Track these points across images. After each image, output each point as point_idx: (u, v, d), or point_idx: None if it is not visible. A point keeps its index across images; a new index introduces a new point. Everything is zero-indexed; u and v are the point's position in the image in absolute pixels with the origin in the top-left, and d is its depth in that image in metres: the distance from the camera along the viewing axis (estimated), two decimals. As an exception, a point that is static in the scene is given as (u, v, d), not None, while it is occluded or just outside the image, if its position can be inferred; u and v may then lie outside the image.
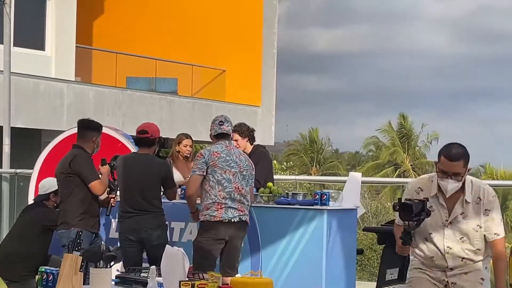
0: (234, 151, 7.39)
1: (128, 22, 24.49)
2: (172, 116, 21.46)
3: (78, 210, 7.63)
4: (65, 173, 7.68)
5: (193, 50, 23.64)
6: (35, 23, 20.00)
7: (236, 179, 7.23)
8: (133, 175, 7.58)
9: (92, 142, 7.85)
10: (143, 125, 7.75)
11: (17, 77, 17.34)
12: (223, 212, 7.15)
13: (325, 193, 7.68)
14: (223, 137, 7.40)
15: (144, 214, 7.50)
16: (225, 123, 7.42)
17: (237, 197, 7.21)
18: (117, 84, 21.20)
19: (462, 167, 5.19)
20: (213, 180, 7.20)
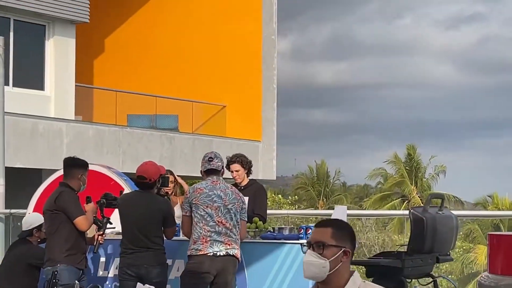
0: (220, 185, 7.44)
1: (128, 60, 24.65)
2: (173, 153, 21.50)
3: (63, 247, 7.65)
4: (51, 210, 7.73)
5: (193, 86, 23.75)
6: (34, 63, 20.16)
7: (219, 213, 7.30)
8: (134, 212, 7.64)
9: (77, 179, 7.91)
10: (141, 169, 7.79)
11: (16, 117, 17.45)
12: (209, 246, 7.23)
13: (310, 227, 7.66)
14: (212, 173, 7.49)
15: (144, 251, 7.56)
16: (215, 159, 7.51)
17: (223, 231, 7.27)
18: (118, 122, 21.28)
19: (330, 237, 3.90)
20: (197, 216, 7.33)
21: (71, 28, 20.56)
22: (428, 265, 8.34)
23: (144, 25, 24.69)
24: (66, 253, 7.64)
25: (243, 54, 23.69)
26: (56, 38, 20.28)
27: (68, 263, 7.61)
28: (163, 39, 24.37)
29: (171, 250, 7.87)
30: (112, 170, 10.50)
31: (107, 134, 20.13)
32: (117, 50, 24.84)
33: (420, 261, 8.16)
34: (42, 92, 20.13)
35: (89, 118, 21.45)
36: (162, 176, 8.10)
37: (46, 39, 20.23)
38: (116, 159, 19.55)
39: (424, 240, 7.84)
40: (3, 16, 19.32)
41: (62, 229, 7.67)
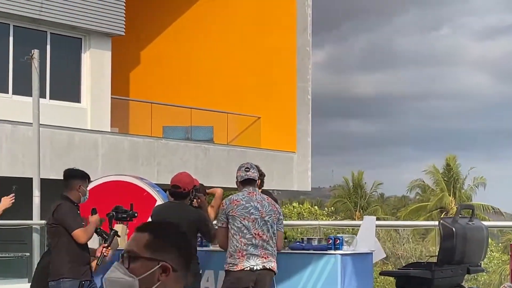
0: (257, 197, 7.42)
1: (163, 72, 24.84)
2: (208, 164, 21.58)
3: (65, 259, 7.67)
4: (50, 224, 7.78)
5: (228, 98, 23.85)
6: (70, 76, 20.40)
7: (256, 225, 7.25)
8: None
9: (76, 190, 7.87)
10: (176, 179, 7.84)
11: (52, 129, 17.65)
12: (245, 260, 7.18)
13: (339, 238, 7.67)
14: (248, 183, 7.48)
15: None
16: (251, 169, 7.50)
17: (260, 243, 7.22)
18: (153, 134, 21.43)
19: (144, 245, 2.85)
20: (234, 228, 7.28)
21: (107, 41, 20.77)
22: (459, 276, 8.30)
23: (179, 37, 24.88)
24: (68, 266, 7.65)
25: (277, 66, 23.74)
26: (92, 50, 20.50)
27: (71, 276, 7.63)
28: (198, 51, 24.53)
29: (201, 260, 7.90)
30: (144, 181, 10.60)
31: (142, 145, 20.29)
32: (152, 63, 25.04)
33: (450, 272, 8.13)
34: (78, 105, 20.34)
35: (125, 130, 21.63)
36: (196, 188, 8.14)
37: (82, 52, 20.47)
38: (151, 171, 19.68)
39: (454, 251, 7.81)
40: (40, 29, 19.58)
41: (63, 242, 7.68)
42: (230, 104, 23.60)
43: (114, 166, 19.03)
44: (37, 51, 12.34)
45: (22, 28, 19.29)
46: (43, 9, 19.08)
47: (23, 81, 18.56)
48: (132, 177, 10.79)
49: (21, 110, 18.10)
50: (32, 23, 19.32)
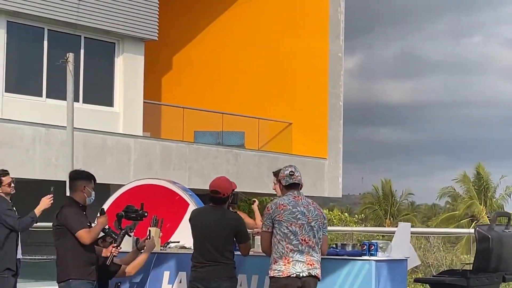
0: (302, 201, 7.31)
1: (195, 77, 24.92)
2: (239, 169, 21.60)
3: (71, 261, 7.70)
4: (54, 226, 7.83)
5: (259, 103, 23.87)
6: (104, 80, 20.52)
7: (303, 231, 7.16)
8: (206, 227, 7.68)
9: (81, 191, 7.87)
10: (215, 184, 7.82)
11: (86, 133, 17.76)
12: (291, 267, 7.09)
13: (373, 244, 7.62)
14: (293, 187, 7.37)
15: (216, 265, 7.58)
16: (296, 173, 7.41)
17: (305, 250, 7.13)
18: (184, 138, 21.50)
19: None
20: (280, 234, 7.17)
21: (140, 45, 20.88)
22: (494, 284, 8.23)
23: (211, 42, 24.95)
24: (75, 267, 7.70)
25: (309, 72, 23.72)
26: (125, 55, 20.62)
27: (78, 277, 7.67)
28: (230, 57, 24.58)
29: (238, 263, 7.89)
30: (177, 185, 10.59)
31: (174, 150, 20.35)
32: (184, 67, 25.14)
33: (486, 280, 8.06)
34: (111, 109, 20.45)
35: (157, 134, 21.72)
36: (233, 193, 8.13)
37: (115, 56, 20.58)
38: (182, 175, 19.73)
39: (490, 259, 7.75)
40: (74, 33, 19.73)
41: (68, 243, 7.72)
42: (261, 109, 23.62)
43: (146, 170, 19.11)
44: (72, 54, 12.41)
45: (57, 32, 19.44)
46: (78, 13, 19.22)
47: (57, 84, 18.70)
48: (165, 180, 10.79)
49: (55, 113, 18.24)
50: (67, 27, 19.47)
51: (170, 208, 9.98)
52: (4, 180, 9.22)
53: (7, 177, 9.28)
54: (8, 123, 17.55)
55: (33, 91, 19.02)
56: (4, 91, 18.47)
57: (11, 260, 9.13)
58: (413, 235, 24.44)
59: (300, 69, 23.75)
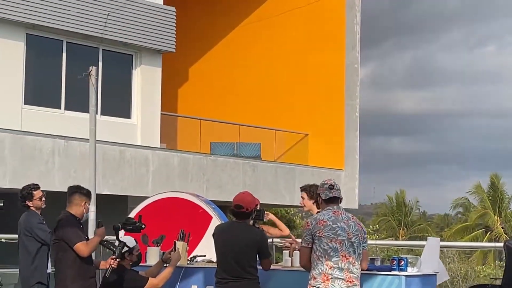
0: (342, 216, 7.19)
1: (212, 88, 24.98)
2: (256, 181, 21.61)
3: (69, 274, 7.81)
4: (53, 240, 7.95)
5: (275, 115, 23.90)
6: (121, 92, 20.58)
7: (343, 247, 7.06)
8: (229, 242, 7.67)
9: (80, 206, 8.07)
10: (238, 198, 7.80)
11: (104, 145, 17.81)
12: (330, 284, 7.02)
13: (403, 259, 7.59)
14: (333, 202, 7.25)
15: (240, 281, 7.56)
16: (335, 186, 7.29)
17: (345, 267, 7.05)
18: (201, 150, 21.53)
19: None
20: (320, 250, 7.08)
21: (158, 57, 20.94)
22: (523, 299, 8.19)
23: (227, 54, 25.01)
24: (73, 280, 7.81)
25: (325, 83, 23.74)
26: (143, 67, 20.68)
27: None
28: (247, 68, 24.63)
29: (262, 279, 7.88)
30: (200, 198, 10.60)
31: (191, 162, 20.38)
32: (201, 79, 25.20)
33: (515, 294, 8.03)
34: (129, 120, 20.50)
35: (173, 146, 21.76)
36: (257, 209, 8.12)
37: (133, 68, 20.65)
38: (200, 187, 19.76)
39: (520, 273, 7.71)
40: (92, 46, 19.81)
41: (67, 257, 7.84)
42: (278, 120, 23.65)
43: (164, 182, 19.15)
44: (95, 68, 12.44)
45: (75, 45, 19.53)
46: (96, 26, 19.30)
47: (76, 96, 18.80)
48: (188, 193, 10.80)
49: (73, 125, 18.31)
50: (85, 39, 19.56)
51: (193, 222, 9.98)
52: (35, 194, 9.27)
53: (38, 191, 9.32)
54: (28, 135, 17.62)
55: (52, 103, 19.10)
56: (24, 103, 18.55)
57: (42, 274, 9.16)
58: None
59: (316, 80, 23.78)
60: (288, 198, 22.59)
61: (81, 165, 17.44)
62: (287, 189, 22.44)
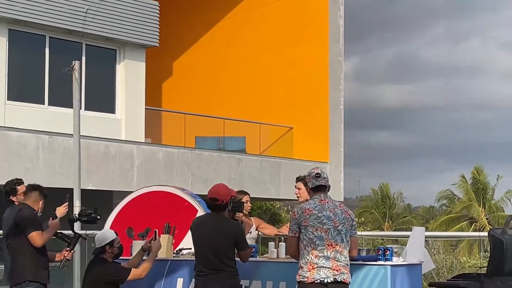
0: (329, 205, 7.16)
1: (196, 82, 24.95)
2: (241, 175, 21.61)
3: (27, 263, 7.99)
4: (10, 228, 8.18)
5: (260, 108, 23.89)
6: (105, 87, 20.52)
7: (329, 236, 7.04)
8: (206, 235, 7.66)
9: (37, 203, 8.39)
10: (213, 191, 7.80)
11: (88, 140, 17.76)
12: (315, 273, 7.00)
13: (388, 249, 7.61)
14: (320, 190, 7.23)
15: (217, 274, 7.55)
16: (322, 174, 7.28)
17: (332, 255, 7.03)
18: (186, 144, 21.50)
19: None
20: (306, 239, 7.07)
21: (141, 52, 20.89)
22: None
23: (212, 48, 24.98)
24: (31, 269, 8.00)
25: (310, 76, 23.74)
26: (126, 62, 20.63)
27: (35, 279, 8.00)
28: (231, 62, 24.61)
29: (248, 270, 7.89)
30: (186, 192, 10.60)
31: (176, 156, 20.35)
32: (185, 73, 25.17)
33: (500, 283, 8.06)
34: (113, 115, 20.45)
35: (158, 140, 21.72)
36: (236, 201, 8.11)
37: (117, 63, 20.60)
38: (185, 181, 19.74)
39: (504, 262, 7.75)
40: (75, 41, 19.73)
41: (23, 246, 8.06)
42: (262, 114, 23.64)
43: (149, 176, 19.12)
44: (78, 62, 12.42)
45: (58, 40, 19.46)
46: (79, 21, 19.23)
47: (59, 92, 18.73)
48: (173, 187, 10.80)
49: (57, 121, 18.26)
50: (68, 34, 19.48)
51: (179, 215, 9.98)
52: (19, 189, 9.25)
53: (22, 186, 9.31)
54: (12, 131, 17.54)
55: (35, 99, 19.03)
56: (7, 99, 18.47)
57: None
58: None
59: (300, 73, 23.78)
60: (273, 191, 22.60)
61: (66, 161, 17.39)
62: (272, 182, 22.46)
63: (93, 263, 8.60)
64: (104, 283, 8.26)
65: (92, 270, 8.48)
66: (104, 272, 8.32)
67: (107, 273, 8.30)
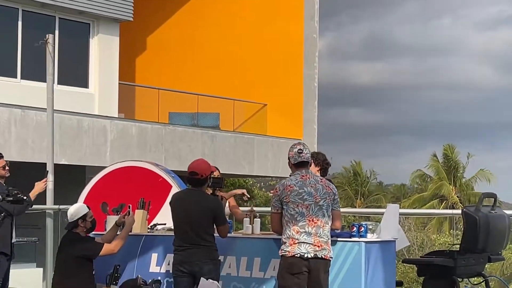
0: (310, 180, 7.20)
1: (170, 58, 24.80)
2: (215, 151, 21.57)
3: None
4: None
5: (234, 84, 23.83)
6: (78, 61, 20.36)
7: (310, 212, 7.09)
8: (185, 210, 7.67)
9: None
10: (193, 165, 7.79)
11: (61, 114, 17.60)
12: (296, 247, 7.06)
13: (363, 225, 7.65)
14: (302, 166, 7.25)
15: (196, 248, 7.58)
16: (304, 150, 7.30)
17: (313, 231, 7.08)
18: (159, 120, 21.41)
19: None
20: (288, 215, 7.13)
21: (115, 26, 20.73)
22: (480, 265, 8.31)
23: (186, 23, 24.83)
24: None
25: (284, 53, 23.70)
26: (100, 36, 20.46)
27: None
28: (205, 38, 24.49)
29: (223, 246, 7.91)
30: (160, 167, 10.58)
31: (150, 132, 20.26)
32: (159, 48, 25.01)
33: (473, 260, 8.14)
34: (86, 90, 20.31)
35: (131, 116, 21.60)
36: (217, 177, 8.12)
37: (90, 37, 20.43)
38: (159, 157, 19.67)
39: (477, 240, 7.81)
40: (48, 14, 19.53)
41: None
42: (236, 91, 23.58)
43: (123, 152, 19.03)
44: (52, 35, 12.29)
45: (31, 13, 19.25)
46: (53, -7, 19.03)
47: (32, 65, 18.55)
48: (148, 162, 10.76)
49: (30, 94, 18.09)
50: (41, 7, 19.28)
51: (153, 190, 9.97)
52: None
53: (1, 160, 9.26)
54: (-17, 104, 17.38)
55: (7, 72, 18.84)
56: (-21, 73, 18.28)
57: (5, 244, 9.12)
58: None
59: (275, 50, 23.73)
60: (247, 168, 22.60)
61: (38, 135, 17.25)
62: (246, 159, 22.46)
63: (66, 238, 8.56)
64: (77, 258, 8.24)
65: (64, 245, 8.45)
66: (77, 246, 8.29)
67: (80, 247, 8.28)
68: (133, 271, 8.68)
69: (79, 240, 8.38)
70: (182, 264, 7.59)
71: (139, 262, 8.68)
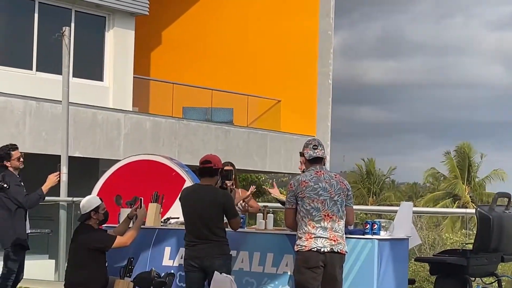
0: (325, 176, 7.25)
1: (185, 52, 24.81)
2: (228, 146, 21.60)
3: None
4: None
5: (248, 80, 23.82)
6: (94, 54, 20.40)
7: (326, 207, 7.14)
8: (195, 205, 7.67)
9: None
10: (206, 156, 7.83)
11: (76, 107, 17.68)
12: (313, 242, 7.10)
13: (376, 223, 7.64)
14: (316, 162, 7.31)
15: (207, 243, 7.58)
16: (319, 146, 7.34)
17: (329, 226, 7.13)
18: (173, 114, 21.44)
19: None
20: (303, 211, 7.17)
21: (131, 20, 20.77)
22: (493, 264, 8.31)
23: (201, 18, 24.83)
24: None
25: (299, 49, 23.67)
26: (116, 29, 20.50)
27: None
28: (220, 33, 24.49)
29: (236, 241, 7.91)
30: (174, 161, 10.58)
31: (163, 126, 20.30)
32: (174, 43, 25.02)
33: (485, 260, 8.13)
34: (101, 83, 20.36)
35: (145, 109, 21.65)
36: (225, 170, 8.14)
37: (106, 30, 20.47)
38: (172, 151, 19.71)
39: (490, 239, 7.81)
40: (65, 7, 19.59)
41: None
42: (250, 86, 23.58)
43: (136, 145, 19.08)
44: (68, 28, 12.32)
45: (47, 5, 19.30)
46: (69, -14, 19.07)
47: (48, 58, 18.61)
48: (161, 156, 10.78)
49: (45, 87, 18.15)
50: (58, 0, 19.32)
51: (167, 184, 9.98)
52: (13, 155, 9.22)
53: (16, 152, 9.27)
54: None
55: (23, 64, 18.90)
56: (-5, 64, 18.35)
57: (22, 237, 9.19)
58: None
59: (289, 46, 23.71)
60: (259, 164, 22.61)
61: (53, 127, 17.32)
62: (258, 154, 22.46)
63: (79, 230, 8.59)
64: (89, 250, 8.25)
65: (77, 237, 8.47)
66: (89, 239, 8.31)
67: (92, 240, 8.29)
68: (146, 264, 8.70)
69: (91, 232, 8.40)
70: (193, 259, 7.60)
71: (152, 255, 8.70)
